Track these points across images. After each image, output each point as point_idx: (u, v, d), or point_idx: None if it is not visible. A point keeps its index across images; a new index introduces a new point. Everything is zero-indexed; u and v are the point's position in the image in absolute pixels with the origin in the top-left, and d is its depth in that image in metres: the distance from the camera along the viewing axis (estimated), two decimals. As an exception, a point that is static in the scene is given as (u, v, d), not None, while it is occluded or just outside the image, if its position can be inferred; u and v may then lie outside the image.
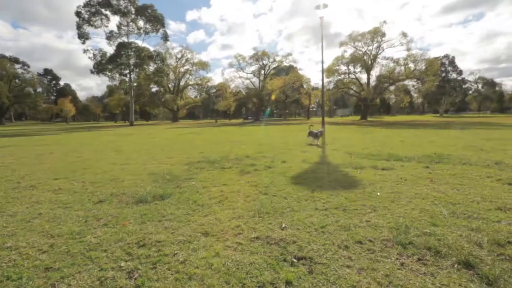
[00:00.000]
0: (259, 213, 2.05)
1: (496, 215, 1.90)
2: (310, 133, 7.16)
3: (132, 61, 29.11)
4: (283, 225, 1.82)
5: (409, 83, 36.52)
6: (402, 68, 31.04)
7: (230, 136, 10.32)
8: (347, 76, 35.64)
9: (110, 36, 28.92)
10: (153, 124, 30.36)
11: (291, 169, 3.66)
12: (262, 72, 38.86)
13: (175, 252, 1.50)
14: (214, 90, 49.67)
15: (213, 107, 49.72)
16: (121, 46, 28.40)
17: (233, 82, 40.55)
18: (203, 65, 41.40)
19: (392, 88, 35.96)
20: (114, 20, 30.81)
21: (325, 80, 34.48)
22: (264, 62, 38.31)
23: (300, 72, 42.54)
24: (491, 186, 2.66)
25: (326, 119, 41.63)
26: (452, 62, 52.27)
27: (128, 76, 30.03)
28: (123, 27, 29.16)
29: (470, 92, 77.72)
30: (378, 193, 2.48)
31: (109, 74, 28.86)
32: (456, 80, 55.43)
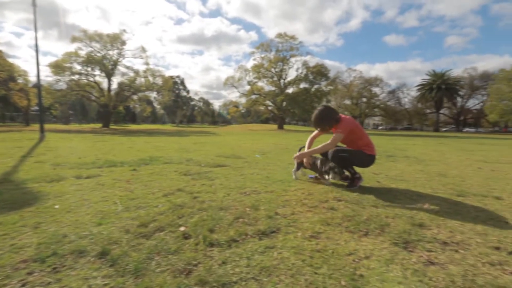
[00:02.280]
0: None
1: (160, 201, 2.35)
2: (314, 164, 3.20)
3: None
4: None
5: (151, 94, 39.54)
6: (143, 79, 33.01)
7: None
8: (84, 78, 31.49)
9: None
10: None
11: None
12: None
13: None
14: None
15: None
16: None
17: None
18: None
19: (135, 97, 36.90)
20: None
21: (53, 77, 28.04)
22: None
23: (12, 60, 31.25)
24: (172, 178, 3.34)
25: (59, 126, 33.88)
26: (182, 82, 64.57)
27: None
28: None
29: (196, 108, 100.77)
30: (57, 206, 2.18)
31: None
32: (186, 97, 69.27)
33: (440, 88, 51.19)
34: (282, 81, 39.14)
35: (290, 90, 38.95)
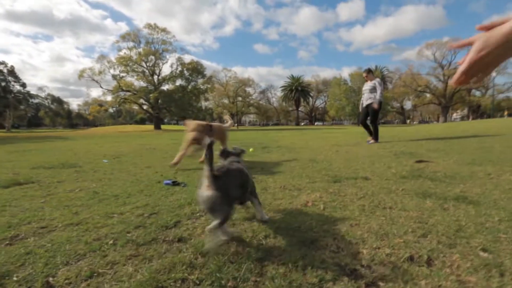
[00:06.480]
0: None
1: None
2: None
3: None
4: None
5: None
6: None
7: None
8: None
9: None
10: None
11: None
12: None
13: None
14: None
15: None
16: None
17: None
18: None
19: None
20: None
21: None
22: None
23: None
24: None
25: None
26: (12, 72, 47.49)
27: None
28: None
29: (43, 107, 77.78)
30: None
31: None
32: (21, 92, 51.49)
33: (298, 90, 62.03)
34: (155, 77, 35.62)
35: (165, 87, 36.05)
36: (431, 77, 52.06)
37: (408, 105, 65.06)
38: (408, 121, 72.40)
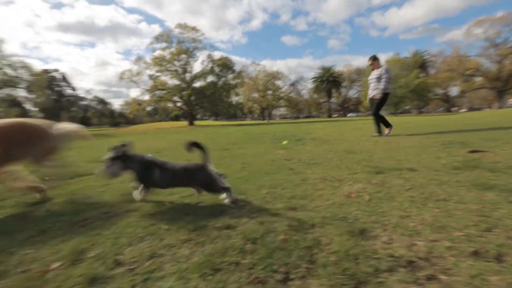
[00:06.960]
0: None
1: None
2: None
3: None
4: None
5: (14, 92, 30.59)
6: (-5, 73, 24.75)
7: None
8: None
9: None
10: None
11: None
12: None
13: None
14: None
15: None
16: None
17: None
18: None
19: (-12, 97, 27.81)
20: None
21: None
22: None
23: None
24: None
25: None
26: (64, 78, 52.74)
27: None
28: None
29: (91, 108, 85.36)
30: None
31: None
32: (72, 96, 57.08)
33: (329, 80, 59.90)
34: (188, 74, 36.92)
35: (197, 84, 37.21)
36: (482, 58, 46.64)
37: (454, 91, 59.15)
38: (455, 108, 65.95)
